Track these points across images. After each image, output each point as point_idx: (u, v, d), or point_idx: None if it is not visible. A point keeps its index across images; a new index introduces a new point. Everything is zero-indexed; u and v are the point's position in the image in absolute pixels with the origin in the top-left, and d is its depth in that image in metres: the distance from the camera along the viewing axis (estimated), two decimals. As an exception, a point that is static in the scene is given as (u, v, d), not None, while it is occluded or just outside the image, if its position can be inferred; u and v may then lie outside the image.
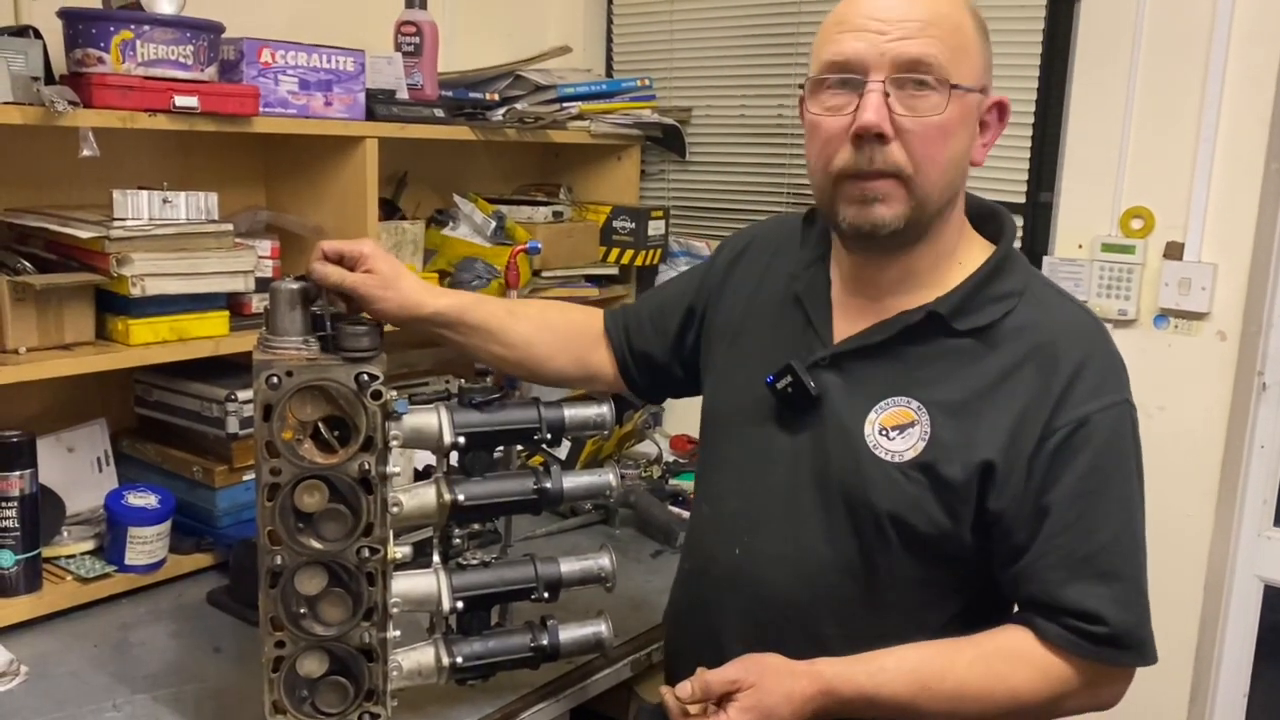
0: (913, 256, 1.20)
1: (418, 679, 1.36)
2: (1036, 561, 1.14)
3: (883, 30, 1.11)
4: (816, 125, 1.16)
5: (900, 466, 1.17)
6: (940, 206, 1.17)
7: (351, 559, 1.27)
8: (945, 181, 1.15)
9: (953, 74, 1.11)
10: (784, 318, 1.31)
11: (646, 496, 2.16)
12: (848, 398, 1.21)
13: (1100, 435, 1.13)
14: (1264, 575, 2.02)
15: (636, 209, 2.47)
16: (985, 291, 1.18)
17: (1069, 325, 1.18)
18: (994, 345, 1.17)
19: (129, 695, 1.46)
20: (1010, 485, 1.14)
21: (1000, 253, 1.21)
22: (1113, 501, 1.14)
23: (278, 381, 1.22)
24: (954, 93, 1.11)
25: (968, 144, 1.17)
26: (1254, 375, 1.95)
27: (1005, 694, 1.15)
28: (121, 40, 1.57)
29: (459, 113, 2.14)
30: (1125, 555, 1.14)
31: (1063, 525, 1.13)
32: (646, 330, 1.49)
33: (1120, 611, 1.12)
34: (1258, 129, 1.90)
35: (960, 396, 1.16)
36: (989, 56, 1.18)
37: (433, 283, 2.09)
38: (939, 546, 1.17)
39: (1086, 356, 1.15)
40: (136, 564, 1.72)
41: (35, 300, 1.57)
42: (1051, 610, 1.14)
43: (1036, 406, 1.13)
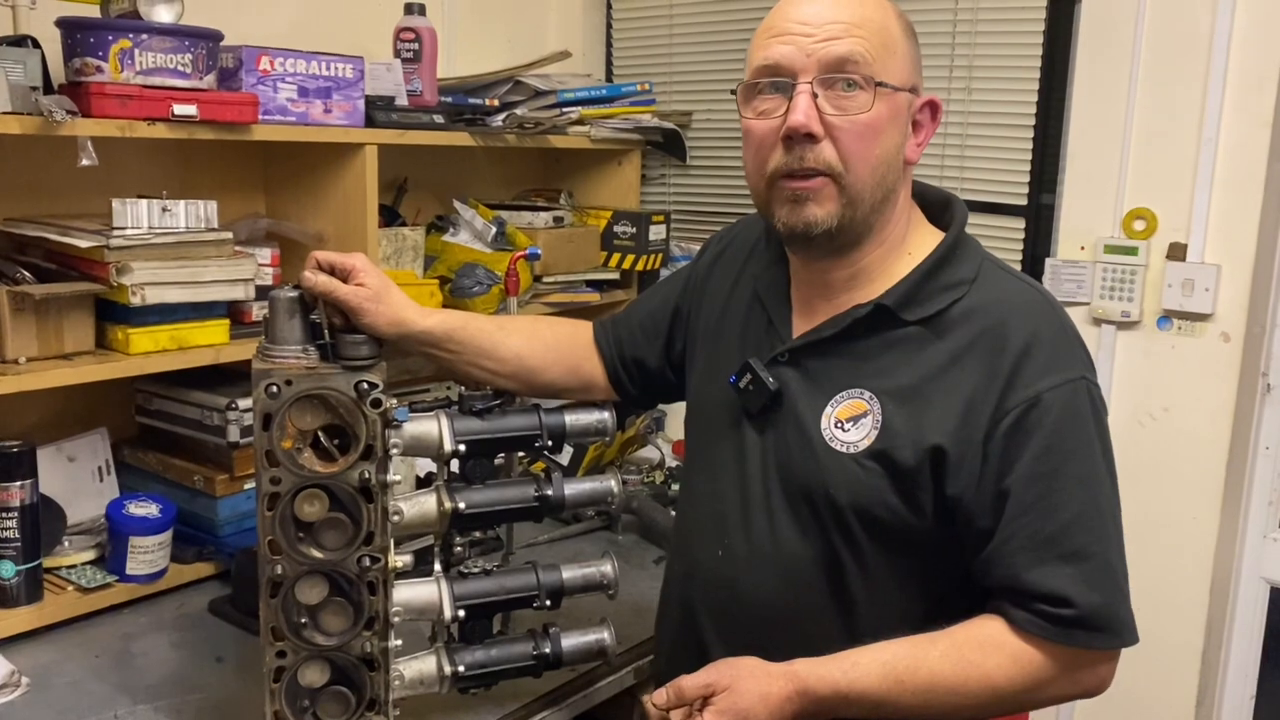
0: (860, 254, 1.22)
1: (420, 688, 1.36)
2: (1001, 546, 1.13)
3: (809, 34, 1.14)
4: (749, 130, 1.20)
5: (855, 457, 1.18)
6: (875, 204, 1.18)
7: (352, 568, 1.27)
8: (876, 179, 1.17)
9: (879, 72, 1.14)
10: (750, 318, 1.33)
11: (649, 502, 2.15)
12: (806, 394, 1.23)
13: (1054, 413, 1.12)
14: (1270, 577, 2.01)
15: (637, 214, 2.47)
16: (934, 281, 1.19)
17: (1016, 305, 1.17)
18: (943, 332, 1.17)
19: (130, 706, 1.45)
20: (965, 470, 1.14)
21: (948, 241, 1.22)
22: (1073, 480, 1.13)
23: (277, 390, 1.21)
24: (880, 91, 1.14)
25: (899, 142, 1.18)
26: (1258, 377, 1.94)
27: (980, 683, 1.13)
28: (120, 49, 1.57)
29: (459, 119, 2.13)
30: (1090, 534, 1.13)
31: (1023, 507, 1.12)
32: (638, 337, 1.50)
33: (1087, 592, 1.11)
34: (1260, 129, 1.89)
35: (909, 383, 1.17)
36: (917, 58, 1.20)
37: (434, 288, 2.10)
38: (904, 535, 1.18)
39: (1034, 334, 1.14)
40: (138, 574, 1.71)
41: (35, 310, 1.56)
42: (1019, 595, 1.13)
43: (986, 389, 1.13)
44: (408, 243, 2.13)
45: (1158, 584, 2.03)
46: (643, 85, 2.48)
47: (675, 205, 2.64)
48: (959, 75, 2.17)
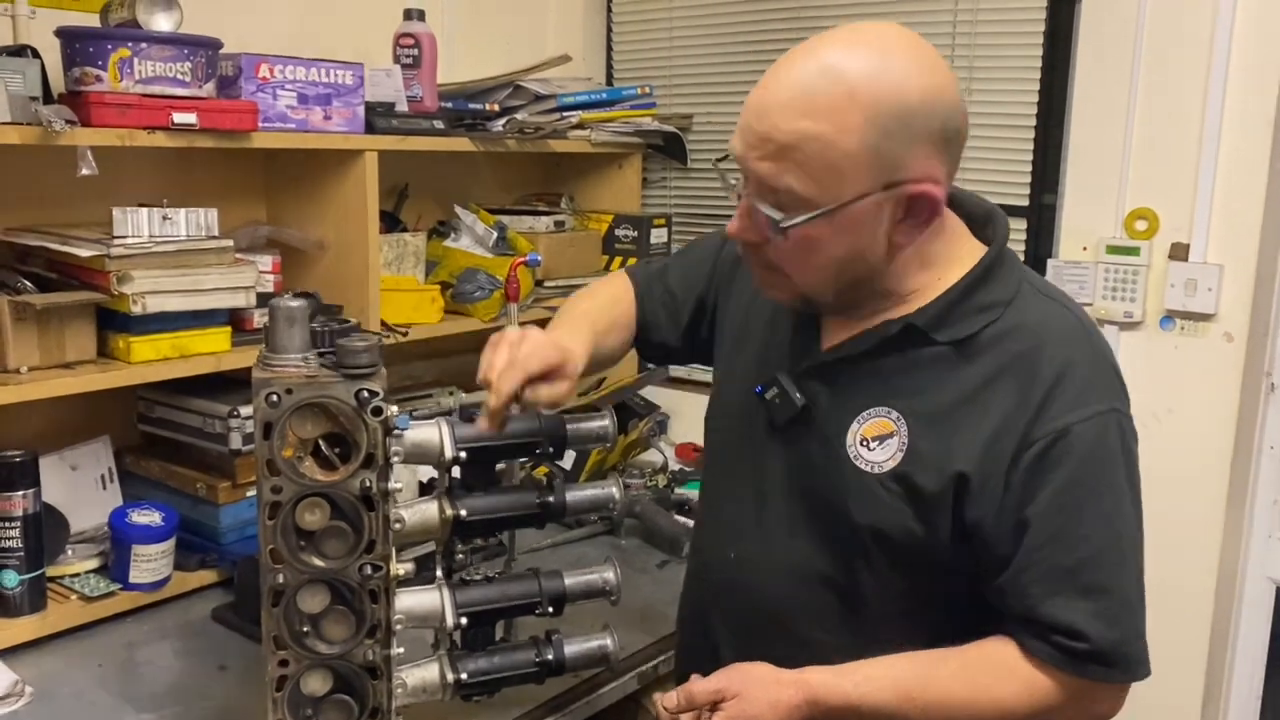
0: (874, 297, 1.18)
1: (422, 696, 1.35)
2: (1018, 576, 1.12)
3: (751, 143, 1.07)
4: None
5: (879, 478, 1.16)
6: (844, 289, 1.15)
7: (354, 576, 1.26)
8: (827, 280, 1.13)
9: (815, 199, 1.06)
10: (777, 324, 1.30)
11: (652, 506, 2.15)
12: (832, 408, 1.21)
13: (1081, 447, 1.09)
14: (1275, 577, 2.00)
15: (638, 217, 2.47)
16: (969, 301, 1.15)
17: (1052, 331, 1.14)
18: (975, 354, 1.14)
19: (134, 715, 1.46)
20: (986, 497, 1.11)
21: (986, 261, 1.17)
22: (1096, 515, 1.11)
23: (277, 399, 1.21)
24: (819, 216, 1.07)
25: (860, 244, 1.10)
26: (1262, 376, 1.93)
27: (990, 705, 1.13)
28: (119, 58, 1.57)
29: (459, 124, 2.13)
30: (1109, 569, 1.11)
31: (1043, 539, 1.10)
32: (661, 317, 1.48)
33: (1104, 628, 1.10)
34: (1262, 128, 1.89)
35: (938, 407, 1.14)
36: (894, 147, 1.05)
37: (435, 294, 2.10)
38: (919, 556, 1.16)
39: (1068, 364, 1.11)
40: (141, 582, 1.71)
41: (36, 319, 1.57)
42: (1033, 624, 1.12)
43: (1015, 417, 1.10)
44: (409, 248, 2.13)
45: (1162, 585, 2.00)
46: (643, 89, 2.48)
47: (676, 208, 2.63)
48: (959, 75, 2.14)
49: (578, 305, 1.46)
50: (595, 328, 1.37)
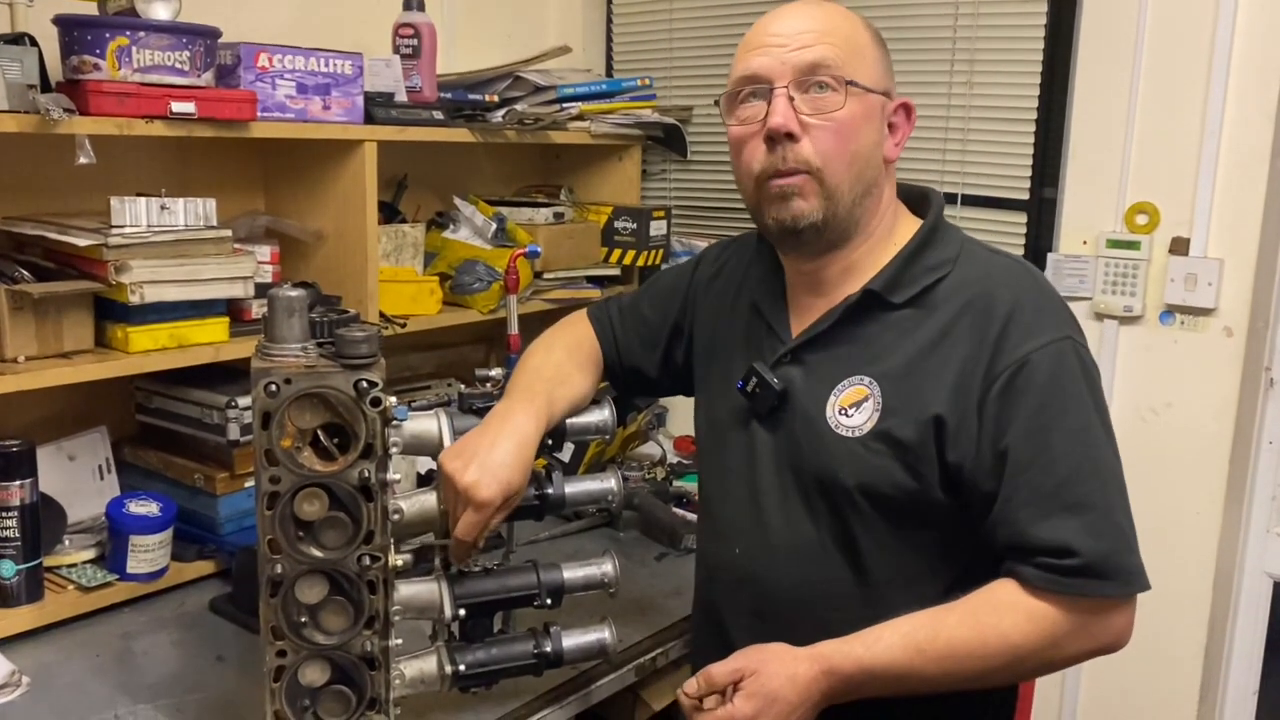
0: (849, 249, 1.28)
1: (420, 687, 1.35)
2: (1004, 505, 1.17)
3: (783, 44, 1.22)
4: (734, 136, 1.28)
5: (860, 440, 1.23)
6: (856, 197, 1.25)
7: (352, 567, 1.26)
8: (854, 174, 1.24)
9: (849, 73, 1.21)
10: (750, 328, 1.38)
11: (650, 499, 2.15)
12: (810, 387, 1.28)
13: (1042, 372, 1.16)
14: (1273, 572, 2.00)
15: (638, 209, 2.46)
16: (917, 264, 1.26)
17: (998, 275, 1.24)
18: (932, 309, 1.23)
19: (131, 705, 1.45)
20: (963, 436, 1.18)
21: (927, 226, 1.28)
22: (1068, 434, 1.16)
23: (276, 389, 1.21)
24: (852, 90, 1.21)
25: (875, 140, 1.25)
26: (1261, 371, 1.93)
27: (998, 643, 1.16)
28: (117, 47, 1.56)
29: (458, 115, 2.13)
30: (1089, 484, 1.16)
31: (1021, 465, 1.16)
32: (635, 346, 1.54)
33: (1092, 540, 1.13)
34: (1263, 122, 1.88)
35: (904, 362, 1.22)
36: (888, 65, 1.28)
37: (434, 285, 2.09)
38: (913, 510, 1.21)
39: (1017, 300, 1.20)
40: (138, 572, 1.71)
41: (34, 309, 1.56)
42: (1025, 552, 1.16)
43: (976, 356, 1.19)
44: (407, 239, 2.13)
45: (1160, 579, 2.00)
46: (643, 80, 2.47)
47: (676, 200, 2.63)
48: (960, 69, 2.16)
49: (530, 360, 1.45)
50: (550, 388, 1.39)
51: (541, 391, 1.37)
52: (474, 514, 1.27)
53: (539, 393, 1.37)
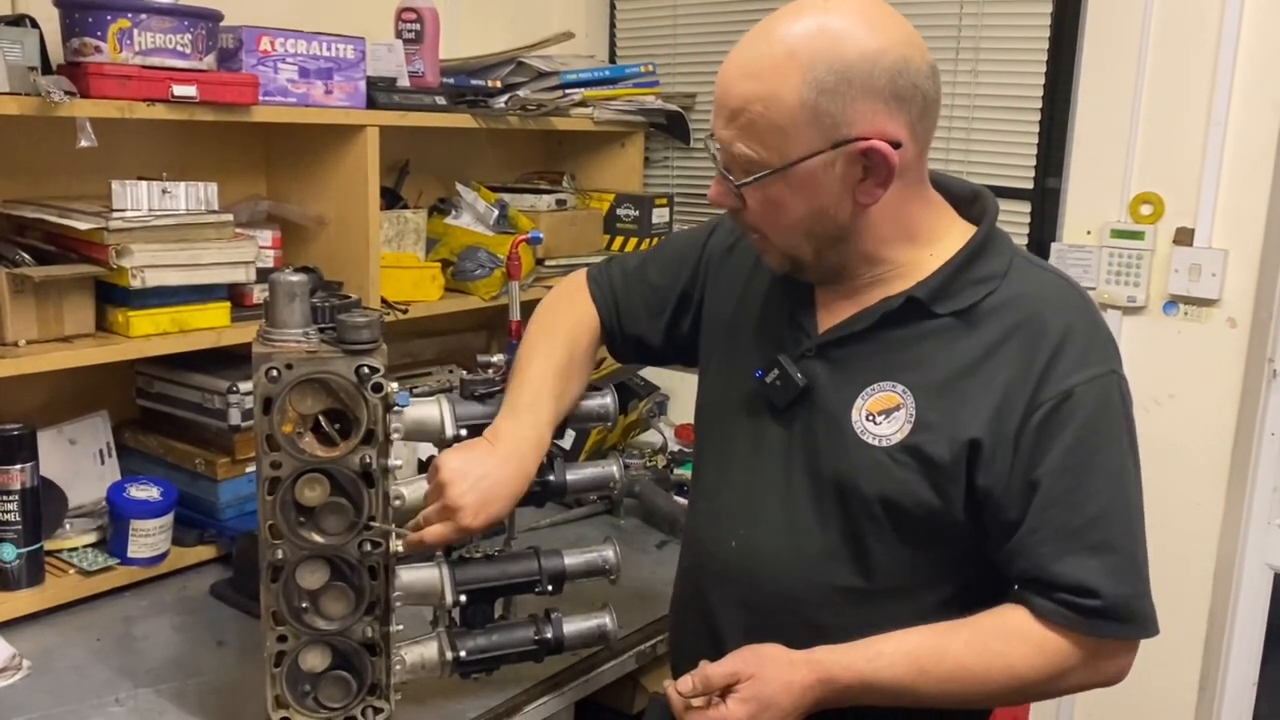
0: (862, 270, 1.21)
1: (421, 673, 1.36)
2: (1028, 537, 1.14)
3: (715, 112, 1.16)
4: None
5: (888, 450, 1.17)
6: (822, 250, 1.18)
7: (353, 553, 1.26)
8: (800, 238, 1.17)
9: (765, 159, 1.12)
10: (770, 312, 1.32)
11: (651, 486, 2.15)
12: (835, 386, 1.22)
13: (1086, 407, 1.12)
14: (1274, 564, 2.00)
15: (640, 196, 2.46)
16: (966, 275, 1.18)
17: (1050, 298, 1.17)
18: (975, 324, 1.17)
19: (132, 689, 1.45)
20: (997, 461, 1.14)
21: (980, 235, 1.20)
22: (1102, 474, 1.13)
23: (277, 374, 1.21)
24: (764, 179, 1.13)
25: (818, 204, 1.14)
26: (1264, 363, 1.93)
27: (1003, 672, 1.14)
28: (119, 29, 1.55)
29: (461, 100, 2.12)
30: (1117, 527, 1.14)
31: (1052, 499, 1.12)
32: (640, 313, 1.46)
33: (1114, 584, 1.12)
34: (1269, 111, 1.87)
35: (943, 376, 1.16)
36: (838, 107, 1.08)
37: (436, 272, 2.08)
38: (930, 527, 1.18)
39: (1069, 329, 1.15)
40: (139, 557, 1.71)
41: (35, 292, 1.56)
42: (1044, 585, 1.14)
43: (1020, 382, 1.13)
44: (409, 225, 2.12)
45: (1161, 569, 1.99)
46: (646, 67, 2.46)
47: (678, 188, 2.62)
48: (965, 58, 2.15)
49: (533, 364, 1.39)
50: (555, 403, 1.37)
51: (544, 407, 1.35)
52: (451, 531, 1.26)
53: (540, 409, 1.34)
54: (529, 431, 1.32)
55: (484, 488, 1.26)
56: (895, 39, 1.10)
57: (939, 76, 1.14)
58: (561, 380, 1.39)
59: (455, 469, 1.26)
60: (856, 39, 1.08)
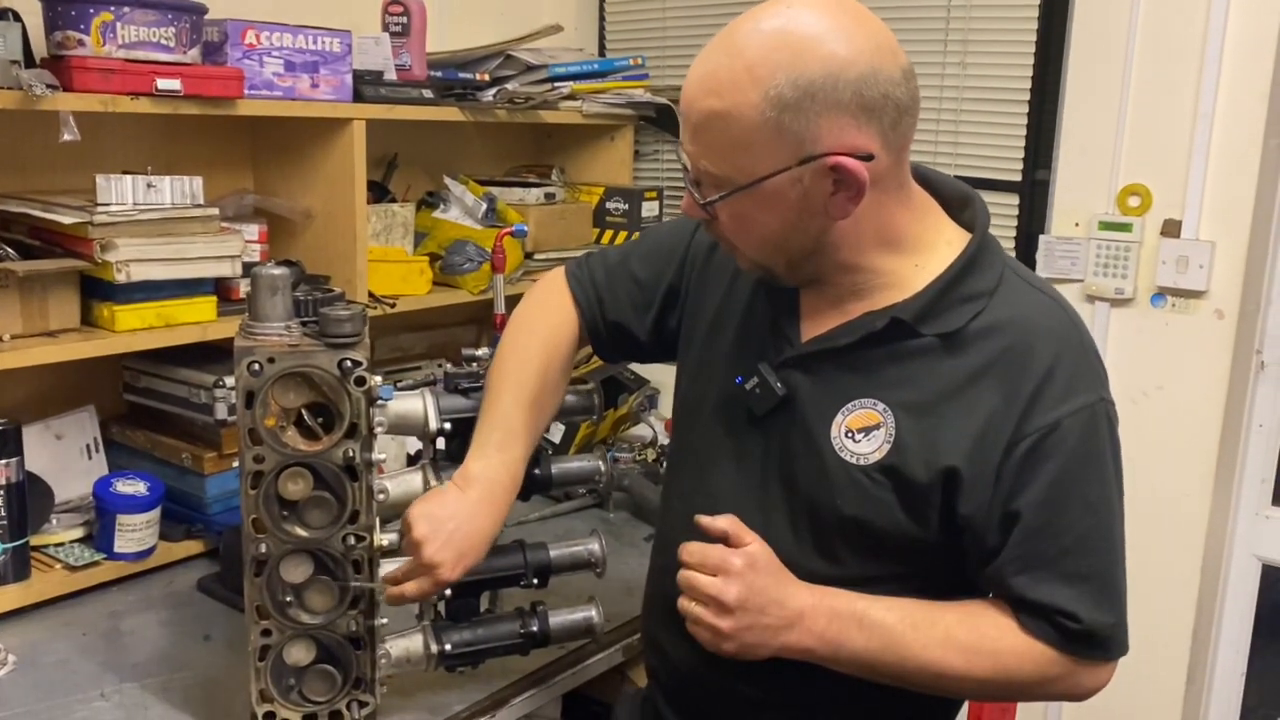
0: (853, 271, 1.17)
1: (406, 666, 1.35)
2: (1006, 565, 1.13)
3: (682, 125, 1.13)
4: None
5: (865, 469, 1.15)
6: (792, 262, 1.16)
7: (337, 546, 1.26)
8: (772, 251, 1.15)
9: (730, 176, 1.09)
10: (753, 316, 1.29)
11: (640, 480, 2.15)
12: (815, 399, 1.19)
13: (1071, 440, 1.10)
14: (1262, 555, 2.01)
15: (630, 190, 2.45)
16: (954, 293, 1.14)
17: (1038, 325, 1.14)
18: (961, 347, 1.13)
19: (118, 684, 1.45)
20: (978, 491, 1.12)
21: (970, 251, 1.15)
22: (1084, 505, 1.12)
23: (259, 368, 1.20)
24: (730, 196, 1.10)
25: (790, 218, 1.10)
26: (1252, 354, 1.93)
27: (990, 657, 1.13)
28: (101, 22, 1.55)
29: (448, 93, 2.11)
30: (1096, 555, 1.13)
31: (1031, 531, 1.11)
32: (624, 306, 1.43)
33: (1091, 610, 1.12)
34: (1256, 104, 1.87)
35: (925, 398, 1.13)
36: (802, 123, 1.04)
37: (424, 265, 2.08)
38: (905, 547, 1.16)
39: (1057, 357, 1.12)
40: (126, 552, 1.71)
41: (19, 287, 1.55)
42: (1027, 604, 1.13)
43: (1004, 413, 1.11)
44: (397, 219, 2.12)
45: (1149, 561, 2.02)
46: (635, 60, 2.45)
47: (668, 181, 2.61)
48: (953, 49, 2.15)
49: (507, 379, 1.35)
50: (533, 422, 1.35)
51: (514, 446, 1.32)
52: (428, 585, 1.26)
53: (511, 448, 1.31)
54: (501, 473, 1.29)
55: (458, 540, 1.24)
56: (862, 47, 1.04)
57: (914, 79, 1.08)
58: (534, 411, 1.35)
59: (428, 526, 1.24)
60: (820, 51, 1.03)
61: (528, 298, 1.48)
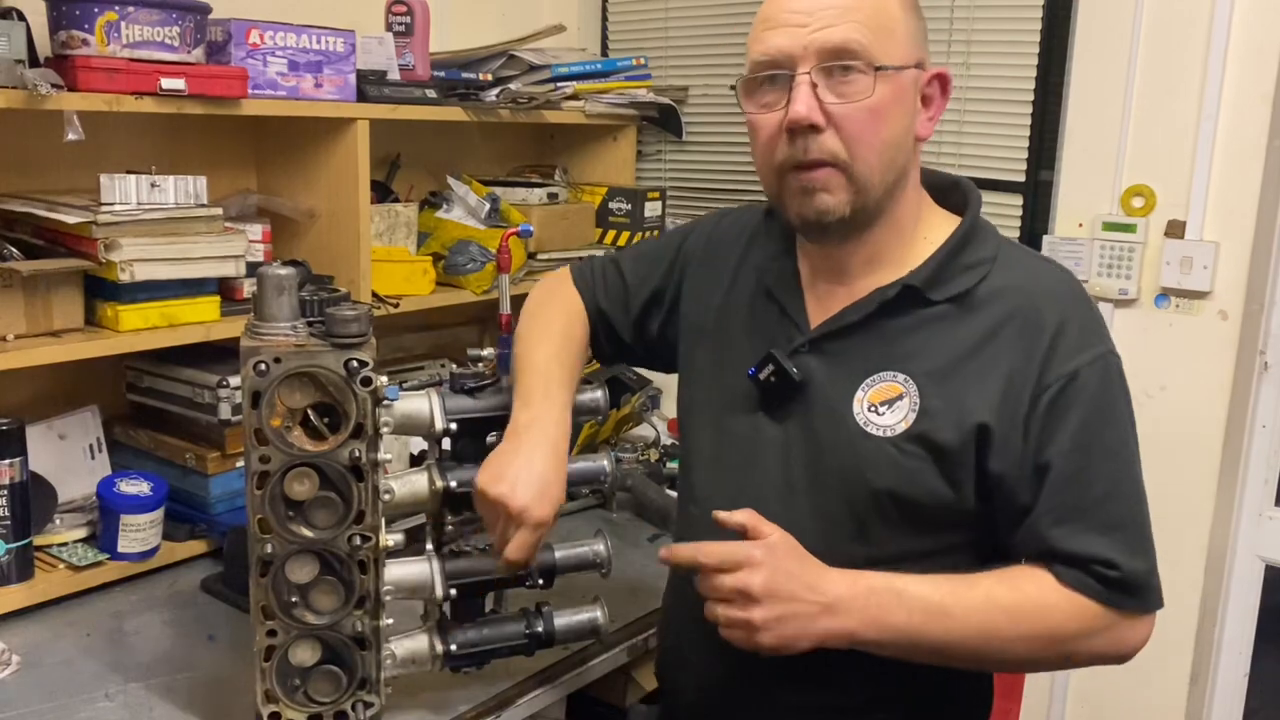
0: (875, 236, 1.21)
1: (411, 667, 1.35)
2: (1040, 519, 1.14)
3: (804, 23, 1.13)
4: (754, 124, 1.19)
5: (893, 440, 1.16)
6: (887, 187, 1.18)
7: (343, 547, 1.26)
8: (884, 163, 1.16)
9: (878, 56, 1.13)
10: (759, 312, 1.30)
11: (644, 480, 2.15)
12: (832, 380, 1.21)
13: (1090, 388, 1.14)
14: (1265, 555, 2.01)
15: (633, 190, 2.45)
16: (957, 261, 1.20)
17: (1045, 285, 1.19)
18: (972, 310, 1.18)
19: (122, 684, 1.45)
20: (1010, 447, 1.14)
21: (967, 222, 1.22)
22: (1109, 453, 1.14)
23: (266, 368, 1.20)
24: (881, 74, 1.13)
25: (907, 122, 1.17)
26: (1255, 355, 1.93)
27: (1033, 615, 1.12)
28: (106, 22, 1.55)
29: (451, 93, 2.11)
30: (1127, 502, 1.15)
31: (1063, 481, 1.13)
32: (613, 301, 1.46)
33: (1129, 557, 1.12)
34: (1260, 105, 1.87)
35: (944, 363, 1.16)
36: (920, 31, 1.19)
37: (427, 265, 2.08)
38: (939, 518, 1.17)
39: (1066, 313, 1.16)
40: (129, 552, 1.71)
41: (23, 287, 1.55)
42: (1063, 560, 1.13)
43: (1024, 367, 1.14)
44: (400, 219, 2.12)
45: (1153, 562, 2.02)
46: (638, 60, 2.46)
47: (671, 182, 2.61)
48: (957, 50, 2.15)
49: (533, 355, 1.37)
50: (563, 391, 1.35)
51: (557, 395, 1.33)
52: (529, 534, 1.24)
53: (558, 394, 1.33)
54: (547, 417, 1.30)
55: (529, 480, 1.24)
56: None
57: None
58: (567, 369, 1.37)
59: (492, 481, 1.23)
60: None
61: (536, 292, 1.51)
